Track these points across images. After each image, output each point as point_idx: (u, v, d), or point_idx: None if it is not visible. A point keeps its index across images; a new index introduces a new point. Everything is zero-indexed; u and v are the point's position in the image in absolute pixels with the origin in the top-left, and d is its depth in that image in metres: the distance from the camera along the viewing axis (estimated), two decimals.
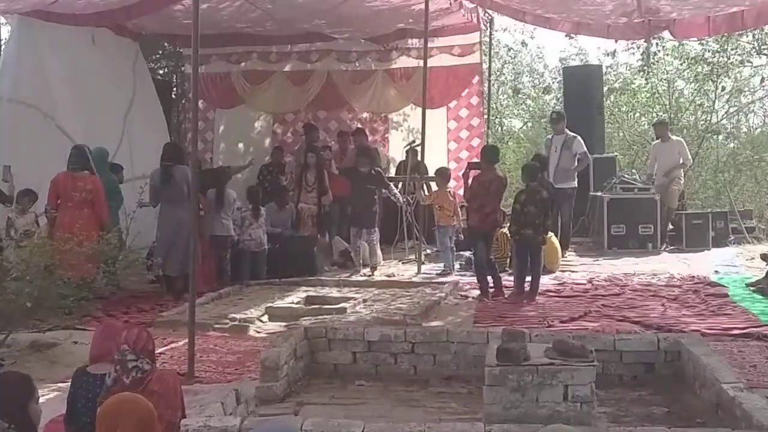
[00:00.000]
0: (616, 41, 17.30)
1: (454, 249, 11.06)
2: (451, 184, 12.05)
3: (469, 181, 9.52)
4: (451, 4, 11.87)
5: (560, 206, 11.53)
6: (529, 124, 23.99)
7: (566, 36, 18.43)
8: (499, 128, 22.82)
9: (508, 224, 9.51)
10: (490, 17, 14.83)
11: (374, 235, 11.14)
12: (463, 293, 9.59)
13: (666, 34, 11.25)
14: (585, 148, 12.09)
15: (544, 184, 9.67)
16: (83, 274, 7.84)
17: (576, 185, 12.12)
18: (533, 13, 10.75)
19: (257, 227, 10.52)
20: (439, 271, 10.92)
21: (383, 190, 11.65)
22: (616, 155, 15.61)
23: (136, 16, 10.74)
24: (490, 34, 15.98)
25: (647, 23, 9.93)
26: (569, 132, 12.19)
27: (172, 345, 7.41)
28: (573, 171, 11.92)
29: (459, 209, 11.13)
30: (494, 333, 6.10)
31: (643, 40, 15.82)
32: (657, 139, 13.64)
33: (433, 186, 12.55)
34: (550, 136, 12.71)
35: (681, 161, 12.96)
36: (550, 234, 10.24)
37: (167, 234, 9.41)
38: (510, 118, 24.22)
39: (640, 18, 9.85)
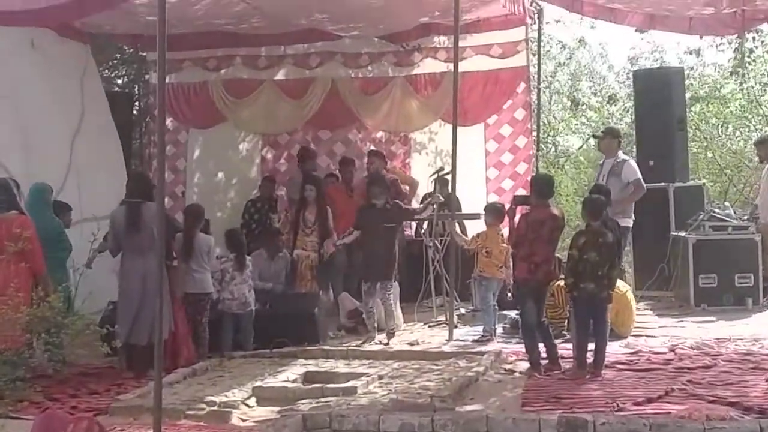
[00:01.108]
0: (701, 37, 17.32)
1: (497, 308, 11.02)
2: None
3: (515, 220, 9.48)
4: None
5: None
6: (591, 143, 23.98)
7: (636, 31, 18.49)
8: (553, 149, 22.92)
9: (564, 276, 9.45)
10: (538, 7, 14.90)
11: (391, 291, 11.10)
12: (507, 366, 9.48)
13: (765, 27, 11.27)
14: (639, 175, 12.07)
15: (608, 224, 9.62)
16: (18, 347, 7.84)
17: (631, 222, 12.12)
18: (594, 2, 10.81)
19: (241, 282, 10.52)
20: (476, 337, 10.84)
21: (404, 232, 11.62)
22: (704, 183, 15.61)
23: (89, 13, 10.83)
24: (539, 28, 16.05)
25: (741, 14, 9.96)
26: (621, 155, 12.20)
27: None
28: (625, 203, 11.84)
29: (510, 258, 11.09)
30: (548, 421, 6.06)
31: (736, 35, 15.80)
32: (762, 162, 13.63)
33: (468, 225, 12.56)
34: (601, 161, 12.74)
35: None
36: (625, 287, 10.19)
37: (132, 291, 9.40)
38: (566, 135, 24.26)
39: (732, 8, 9.88)
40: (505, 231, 10.69)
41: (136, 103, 16.27)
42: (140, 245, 9.35)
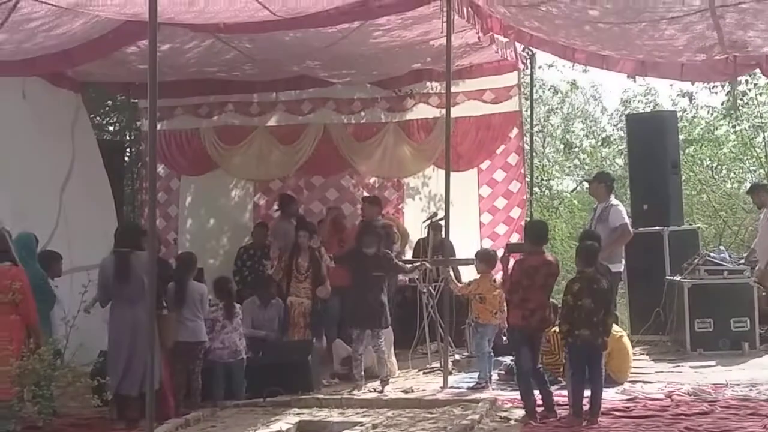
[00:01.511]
0: (692, 83, 17.42)
1: (492, 355, 10.99)
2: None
3: (509, 267, 9.49)
4: (480, 38, 12.05)
5: None
6: (585, 186, 24.05)
7: (628, 77, 18.60)
8: (547, 192, 22.92)
9: (559, 322, 9.45)
10: (530, 53, 14.99)
11: (383, 338, 11.08)
12: (503, 414, 9.45)
13: (757, 71, 11.34)
14: (626, 219, 11.95)
15: (601, 270, 9.63)
16: (8, 399, 7.80)
17: (622, 267, 12.11)
18: (585, 50, 10.90)
19: (231, 331, 10.47)
20: (471, 384, 10.80)
21: (397, 277, 11.62)
22: (699, 226, 15.61)
23: (80, 62, 10.92)
24: (532, 73, 16.20)
25: (732, 61, 10.01)
26: (612, 199, 12.15)
27: None
28: (612, 248, 11.77)
29: (505, 303, 11.10)
30: None
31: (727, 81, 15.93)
32: (760, 208, 13.67)
33: (463, 271, 12.55)
34: (595, 205, 12.76)
35: None
36: (620, 332, 10.16)
37: (122, 342, 9.33)
38: (560, 177, 24.37)
39: (723, 54, 9.93)
40: (499, 276, 10.69)
41: (128, 151, 16.29)
42: (130, 295, 9.30)
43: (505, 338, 11.31)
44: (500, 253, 10.54)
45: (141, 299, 9.00)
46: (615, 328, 9.92)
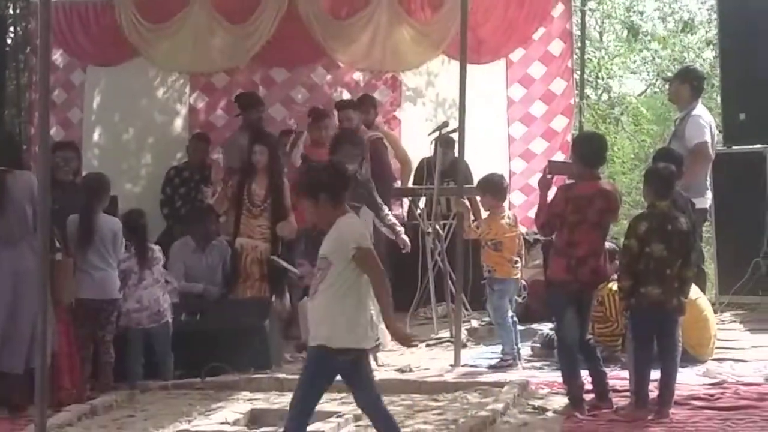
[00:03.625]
0: None
1: (516, 320, 11.03)
2: (517, 200, 12.06)
3: (549, 195, 9.46)
4: None
5: None
6: (656, 88, 24.04)
7: None
8: (605, 95, 22.86)
9: (618, 276, 9.44)
10: None
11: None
12: (537, 403, 9.50)
13: None
14: (706, 136, 11.88)
15: (679, 204, 9.60)
16: None
17: (709, 201, 12.13)
18: None
19: (151, 284, 10.53)
20: (493, 362, 10.92)
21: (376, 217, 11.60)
22: None
23: None
24: None
25: None
26: (699, 107, 12.02)
27: None
28: (690, 176, 11.66)
29: (525, 249, 11.08)
30: None
31: None
32: None
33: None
34: (676, 115, 12.72)
35: None
36: (696, 295, 10.14)
37: None
38: (623, 76, 24.31)
39: None
40: (531, 213, 10.67)
41: (12, 30, 16.18)
42: (9, 232, 9.34)
43: (521, 297, 11.33)
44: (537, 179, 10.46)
45: (24, 238, 9.03)
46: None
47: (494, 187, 11.21)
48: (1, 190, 9.39)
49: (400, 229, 11.90)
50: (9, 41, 15.90)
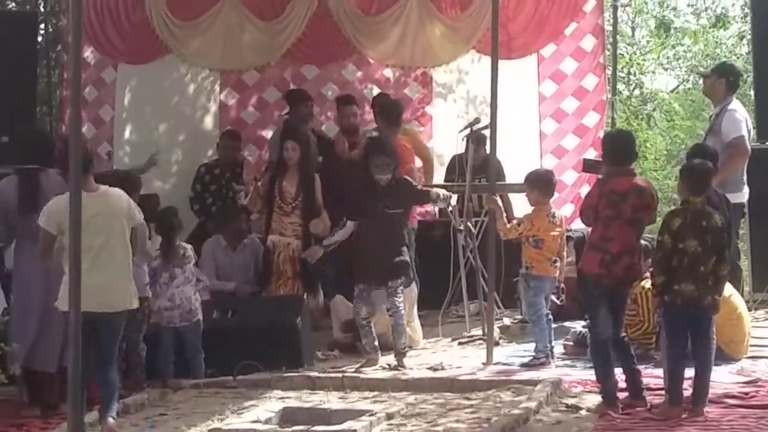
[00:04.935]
0: None
1: (551, 318, 11.01)
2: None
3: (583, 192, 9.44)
4: None
5: None
6: (689, 83, 23.96)
7: None
8: (637, 91, 22.80)
9: (652, 273, 9.41)
10: None
11: (399, 297, 11.04)
12: (570, 401, 9.50)
13: None
14: (742, 131, 11.86)
15: (714, 200, 9.55)
16: None
17: (746, 197, 12.07)
18: None
19: (184, 282, 10.54)
20: (526, 359, 10.91)
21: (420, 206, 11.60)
22: None
23: None
24: None
25: None
26: (734, 102, 12.01)
27: None
28: (726, 171, 11.62)
29: (566, 248, 11.05)
30: None
31: None
32: None
33: (515, 201, 12.53)
34: (711, 111, 12.67)
35: None
36: (729, 292, 10.11)
37: (31, 297, 9.39)
38: (655, 72, 24.24)
39: None
40: (567, 209, 10.62)
41: (42, 28, 16.23)
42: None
43: (558, 300, 11.31)
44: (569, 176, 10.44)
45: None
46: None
47: (543, 183, 11.21)
48: (35, 189, 9.41)
49: (440, 193, 11.68)
50: (40, 39, 15.92)
